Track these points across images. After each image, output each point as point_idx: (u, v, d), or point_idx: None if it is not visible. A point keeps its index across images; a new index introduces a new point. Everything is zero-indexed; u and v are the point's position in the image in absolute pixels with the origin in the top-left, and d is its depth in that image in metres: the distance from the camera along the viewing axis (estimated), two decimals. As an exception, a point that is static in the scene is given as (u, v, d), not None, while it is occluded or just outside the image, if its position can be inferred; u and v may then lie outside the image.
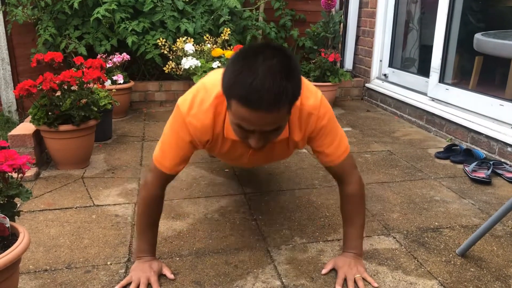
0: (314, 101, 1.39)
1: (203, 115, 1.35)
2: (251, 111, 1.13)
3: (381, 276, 1.52)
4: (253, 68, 1.10)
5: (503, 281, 1.50)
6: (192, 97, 1.37)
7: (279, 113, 1.15)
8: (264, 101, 1.10)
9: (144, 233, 1.52)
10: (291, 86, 1.13)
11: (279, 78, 1.10)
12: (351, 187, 1.51)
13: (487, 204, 2.08)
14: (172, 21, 3.70)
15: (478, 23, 3.22)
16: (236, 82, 1.12)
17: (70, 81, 2.30)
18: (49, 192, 2.16)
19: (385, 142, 3.00)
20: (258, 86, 1.09)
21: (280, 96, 1.11)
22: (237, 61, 1.15)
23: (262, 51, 1.13)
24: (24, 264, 1.56)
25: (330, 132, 1.44)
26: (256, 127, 1.19)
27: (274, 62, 1.11)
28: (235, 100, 1.14)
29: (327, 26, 4.08)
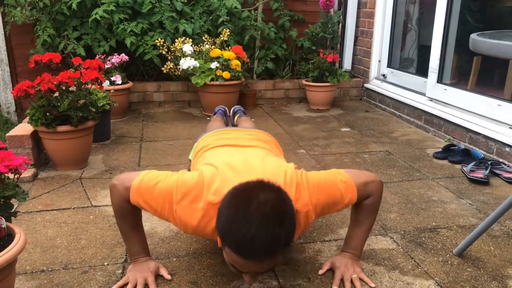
0: (304, 196, 1.32)
1: (191, 214, 1.29)
2: (245, 259, 1.14)
3: (378, 276, 1.52)
4: (247, 217, 1.10)
5: (499, 281, 1.50)
6: (189, 189, 1.29)
7: (274, 259, 1.17)
8: (257, 253, 1.12)
9: (130, 238, 1.49)
10: (285, 232, 1.13)
11: (272, 227, 1.10)
12: (371, 200, 1.46)
13: (484, 204, 2.08)
14: (171, 21, 3.70)
15: (476, 23, 3.22)
16: (229, 232, 1.13)
17: (68, 81, 2.30)
18: (46, 193, 2.16)
19: (384, 142, 3.00)
20: (251, 238, 1.09)
21: (273, 246, 1.12)
22: (231, 205, 1.15)
23: (256, 194, 1.13)
24: (21, 265, 1.56)
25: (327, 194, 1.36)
26: (250, 271, 1.21)
27: (268, 210, 1.11)
28: (230, 248, 1.15)
29: (325, 27, 4.08)
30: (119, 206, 1.41)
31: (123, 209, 1.41)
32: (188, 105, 4.00)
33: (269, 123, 3.48)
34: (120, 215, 1.43)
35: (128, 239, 1.49)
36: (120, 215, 1.43)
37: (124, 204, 1.39)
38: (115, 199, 1.40)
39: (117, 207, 1.41)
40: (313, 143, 2.98)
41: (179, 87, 3.94)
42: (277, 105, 4.10)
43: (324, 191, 1.35)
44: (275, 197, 1.15)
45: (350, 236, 1.55)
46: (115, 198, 1.39)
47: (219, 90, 3.52)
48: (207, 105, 3.64)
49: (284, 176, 1.32)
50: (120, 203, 1.39)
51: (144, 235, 1.53)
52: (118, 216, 1.44)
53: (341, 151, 2.81)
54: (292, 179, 1.32)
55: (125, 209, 1.40)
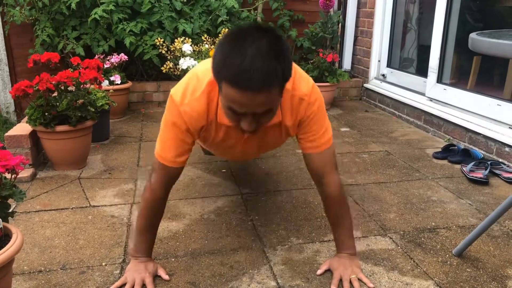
0: (306, 87, 1.39)
1: (196, 102, 1.34)
2: (241, 92, 1.11)
3: (377, 276, 1.52)
4: (242, 49, 1.09)
5: (499, 281, 1.49)
6: (185, 86, 1.37)
7: (270, 93, 1.14)
8: (254, 81, 1.09)
9: (142, 234, 1.51)
10: (281, 66, 1.12)
11: (268, 58, 1.09)
12: (331, 189, 1.48)
13: (484, 204, 2.07)
14: (170, 21, 3.69)
15: (476, 23, 3.22)
16: (225, 64, 1.11)
17: (66, 81, 2.29)
18: (45, 193, 2.15)
19: (383, 142, 2.99)
20: (247, 67, 1.07)
21: (269, 76, 1.10)
22: (226, 43, 1.14)
23: (251, 32, 1.12)
24: (18, 265, 1.55)
25: (318, 120, 1.43)
26: (247, 109, 1.18)
27: (263, 43, 1.10)
28: (225, 82, 1.13)
29: (325, 27, 4.07)
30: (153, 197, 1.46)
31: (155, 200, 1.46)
32: (188, 105, 3.98)
33: (269, 123, 3.47)
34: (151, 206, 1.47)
35: (141, 236, 1.51)
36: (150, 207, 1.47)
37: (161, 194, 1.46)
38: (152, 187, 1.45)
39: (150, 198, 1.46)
40: (313, 143, 2.96)
41: (179, 87, 3.92)
42: (276, 105, 4.09)
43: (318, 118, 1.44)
44: (270, 34, 1.13)
45: (338, 239, 1.56)
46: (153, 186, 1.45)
47: (219, 90, 3.51)
48: (206, 105, 3.63)
49: None
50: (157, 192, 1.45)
51: (154, 238, 1.54)
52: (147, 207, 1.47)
53: (341, 151, 2.80)
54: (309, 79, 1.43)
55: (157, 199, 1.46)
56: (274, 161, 2.61)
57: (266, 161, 2.61)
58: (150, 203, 1.47)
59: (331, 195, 1.49)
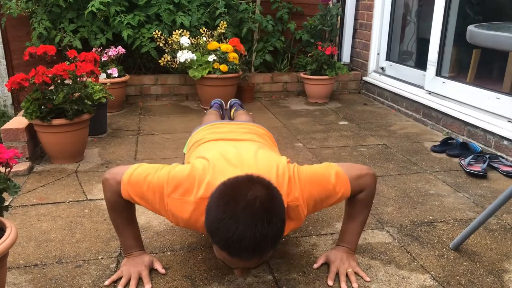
0: (296, 191, 1.30)
1: (182, 207, 1.28)
2: (233, 258, 1.14)
3: (374, 270, 1.51)
4: (235, 216, 1.09)
5: (495, 275, 1.49)
6: (180, 182, 1.28)
7: (262, 256, 1.16)
8: (245, 251, 1.11)
9: (123, 232, 1.47)
10: (273, 231, 1.12)
11: (261, 226, 1.09)
12: (364, 193, 1.45)
13: (482, 197, 2.07)
14: (168, 14, 3.67)
15: (475, 16, 3.20)
16: (218, 230, 1.11)
17: (62, 74, 2.28)
18: (42, 187, 2.14)
19: (381, 135, 2.98)
20: (239, 237, 1.08)
21: (261, 245, 1.11)
22: (220, 204, 1.12)
23: (245, 193, 1.11)
24: (14, 259, 1.55)
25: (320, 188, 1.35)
26: (239, 267, 1.21)
27: (256, 208, 1.09)
28: (217, 245, 1.15)
29: (324, 19, 4.05)
30: (112, 200, 1.39)
31: (116, 203, 1.39)
32: (186, 99, 3.98)
33: (267, 116, 3.46)
34: (113, 209, 1.42)
35: (122, 234, 1.48)
36: (113, 209, 1.42)
37: (117, 198, 1.37)
38: (107, 193, 1.38)
39: (110, 201, 1.40)
40: (311, 136, 2.96)
41: (177, 80, 3.91)
42: (275, 98, 4.08)
43: (316, 185, 1.34)
44: (264, 194, 1.12)
45: (344, 230, 1.54)
46: (108, 192, 1.38)
47: (217, 83, 3.50)
48: (204, 99, 3.62)
49: (276, 170, 1.31)
50: (113, 197, 1.37)
51: (138, 229, 1.52)
52: (111, 210, 1.42)
53: (339, 144, 2.79)
54: (284, 173, 1.31)
55: (118, 203, 1.39)
56: (272, 154, 2.60)
57: (264, 154, 2.60)
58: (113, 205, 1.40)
59: (363, 197, 1.46)
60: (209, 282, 1.44)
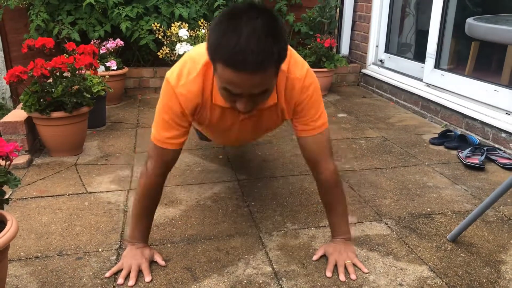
0: (301, 71, 1.39)
1: (192, 84, 1.34)
2: (236, 73, 1.10)
3: (372, 261, 1.53)
4: (237, 29, 1.07)
5: (492, 266, 1.50)
6: (180, 68, 1.36)
7: (265, 74, 1.13)
8: (249, 62, 1.07)
9: (139, 221, 1.51)
10: (276, 46, 1.11)
11: (264, 38, 1.07)
12: (326, 174, 1.47)
13: (479, 190, 2.08)
14: (166, 6, 3.65)
15: (474, 8, 3.19)
16: (220, 44, 1.10)
17: (61, 67, 2.27)
18: (41, 179, 2.15)
19: (380, 128, 2.99)
20: (242, 47, 1.06)
21: (265, 56, 1.08)
22: (221, 22, 1.12)
23: (246, 12, 1.10)
24: (15, 252, 1.56)
25: (313, 104, 1.43)
26: (243, 90, 1.17)
27: (259, 23, 1.08)
28: (220, 63, 1.12)
29: (323, 11, 4.03)
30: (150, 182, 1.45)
31: (151, 186, 1.46)
32: (185, 91, 3.96)
33: (266, 109, 3.46)
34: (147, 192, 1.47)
35: (137, 222, 1.51)
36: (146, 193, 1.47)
37: (157, 179, 1.45)
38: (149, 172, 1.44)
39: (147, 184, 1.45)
40: (310, 129, 2.96)
41: (175, 73, 3.90)
42: (274, 91, 4.07)
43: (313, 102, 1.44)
44: (265, 14, 1.12)
45: (333, 225, 1.56)
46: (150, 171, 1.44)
47: (215, 75, 3.49)
48: (203, 91, 3.61)
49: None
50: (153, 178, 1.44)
51: (151, 225, 1.55)
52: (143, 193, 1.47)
53: (337, 137, 2.80)
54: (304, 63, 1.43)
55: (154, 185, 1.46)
56: (271, 147, 2.61)
57: (262, 147, 2.61)
58: (147, 189, 1.47)
59: (326, 180, 1.49)
60: (209, 273, 1.46)
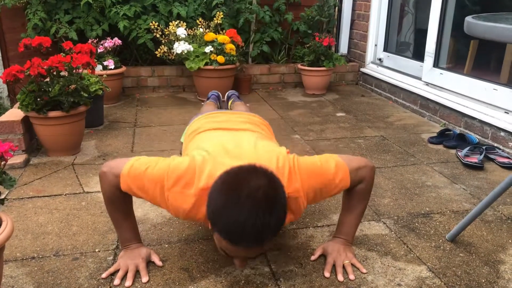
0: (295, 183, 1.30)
1: (183, 200, 1.27)
2: (234, 246, 1.14)
3: (370, 261, 1.52)
4: (238, 204, 1.09)
5: (491, 266, 1.50)
6: (180, 174, 1.27)
7: (263, 245, 1.16)
8: (247, 239, 1.11)
9: (121, 225, 1.47)
10: (275, 220, 1.12)
11: (263, 214, 1.09)
12: (363, 185, 1.46)
13: (478, 189, 2.07)
14: (164, 4, 3.64)
15: (473, 6, 3.18)
16: (220, 217, 1.12)
17: (58, 66, 2.26)
18: (38, 179, 2.14)
19: (379, 127, 2.98)
20: (241, 226, 1.09)
21: (262, 233, 1.11)
22: (222, 191, 1.13)
23: (248, 182, 1.11)
24: (11, 252, 1.54)
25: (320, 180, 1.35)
26: (240, 256, 1.21)
27: (259, 197, 1.09)
28: (218, 233, 1.15)
29: (322, 10, 4.02)
30: (109, 193, 1.39)
31: (113, 196, 1.39)
32: (183, 90, 3.96)
33: (264, 108, 3.45)
34: (111, 202, 1.41)
35: (119, 226, 1.48)
36: (110, 202, 1.41)
37: (115, 191, 1.37)
38: (105, 186, 1.38)
39: (108, 194, 1.39)
40: (308, 128, 2.96)
41: (174, 72, 3.89)
42: (272, 90, 4.07)
43: (316, 176, 1.34)
44: (266, 184, 1.13)
45: (342, 222, 1.54)
46: (105, 185, 1.37)
47: (214, 74, 3.49)
48: (201, 90, 3.61)
49: (276, 161, 1.30)
50: (111, 190, 1.37)
51: (135, 222, 1.52)
52: (108, 203, 1.42)
53: (336, 136, 2.79)
54: (284, 165, 1.31)
55: (116, 196, 1.38)
56: (269, 146, 2.59)
57: (261, 146, 2.59)
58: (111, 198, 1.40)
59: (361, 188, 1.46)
60: (206, 274, 1.45)
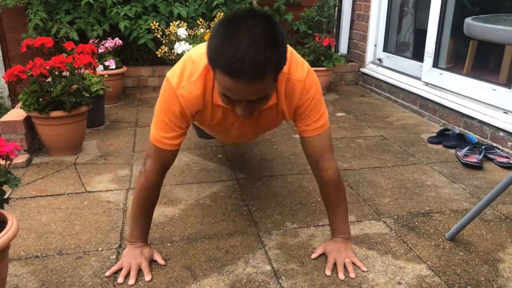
0: (301, 72, 1.39)
1: (193, 86, 1.35)
2: (235, 81, 1.12)
3: (371, 260, 1.53)
4: (236, 38, 1.08)
5: (491, 264, 1.51)
6: (181, 70, 1.37)
7: (264, 82, 1.14)
8: (247, 72, 1.09)
9: (138, 220, 1.51)
10: (275, 55, 1.12)
11: (263, 47, 1.08)
12: (328, 174, 1.48)
13: (478, 188, 2.09)
14: (165, 5, 3.65)
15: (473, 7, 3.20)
16: (219, 53, 1.11)
17: (60, 66, 2.27)
18: (41, 179, 2.15)
19: (378, 127, 3.00)
20: (240, 57, 1.07)
21: (263, 66, 1.10)
22: (220, 30, 1.12)
23: (246, 19, 1.11)
24: (15, 251, 1.56)
25: (314, 106, 1.43)
26: (242, 97, 1.18)
27: (258, 31, 1.09)
28: (219, 71, 1.14)
29: (321, 10, 4.04)
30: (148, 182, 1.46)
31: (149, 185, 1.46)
32: (183, 90, 3.97)
33: (265, 108, 3.46)
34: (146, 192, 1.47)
35: (136, 221, 1.51)
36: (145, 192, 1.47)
37: (156, 179, 1.46)
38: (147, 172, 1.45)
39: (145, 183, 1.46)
40: (308, 128, 2.97)
41: (174, 72, 3.90)
42: (272, 90, 4.07)
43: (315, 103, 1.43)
44: (265, 21, 1.12)
45: (333, 223, 1.57)
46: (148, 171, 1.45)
47: (214, 74, 3.49)
48: (202, 90, 3.61)
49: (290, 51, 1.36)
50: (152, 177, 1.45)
51: (150, 223, 1.55)
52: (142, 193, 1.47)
53: (336, 136, 2.81)
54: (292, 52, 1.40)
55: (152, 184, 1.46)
56: (270, 146, 2.61)
57: (261, 146, 2.61)
58: (145, 188, 1.47)
59: (327, 179, 1.50)
60: (209, 273, 1.46)
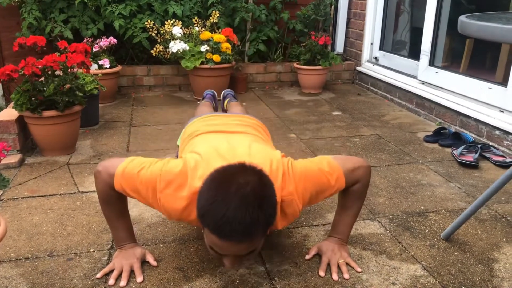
0: (287, 187, 1.30)
1: (174, 202, 1.27)
2: (223, 241, 1.13)
3: (365, 260, 1.52)
4: (226, 198, 1.09)
5: (485, 264, 1.50)
6: (172, 178, 1.28)
7: (252, 241, 1.16)
8: (236, 233, 1.10)
9: (116, 225, 1.47)
10: (264, 215, 1.12)
11: (252, 209, 1.09)
12: (358, 185, 1.45)
13: (473, 187, 2.08)
14: (160, 3, 3.63)
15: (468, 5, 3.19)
16: (209, 212, 1.11)
17: (53, 65, 2.25)
18: (33, 179, 2.13)
19: (374, 126, 2.98)
20: (229, 219, 1.08)
21: (252, 227, 1.11)
22: (212, 187, 1.13)
23: (236, 177, 1.12)
24: (5, 252, 1.54)
25: (319, 189, 1.35)
26: (230, 253, 1.20)
27: (248, 192, 1.10)
28: (207, 229, 1.14)
29: (318, 9, 4.02)
30: (104, 193, 1.39)
31: (108, 195, 1.39)
32: (179, 89, 3.95)
33: (260, 107, 3.45)
34: (106, 201, 1.41)
35: (114, 226, 1.48)
36: (105, 202, 1.41)
37: (109, 191, 1.37)
38: (100, 185, 1.38)
39: (102, 194, 1.39)
40: (304, 127, 2.96)
41: (169, 71, 3.88)
42: (268, 89, 4.07)
43: (310, 179, 1.34)
44: (255, 180, 1.13)
45: (337, 221, 1.54)
46: (100, 184, 1.37)
47: (210, 73, 3.48)
48: (197, 89, 3.60)
49: (270, 164, 1.30)
50: (105, 189, 1.37)
51: (130, 222, 1.51)
52: (103, 202, 1.42)
53: (332, 135, 2.79)
54: (278, 168, 1.30)
55: (110, 195, 1.38)
56: (265, 145, 2.59)
57: (256, 145, 2.59)
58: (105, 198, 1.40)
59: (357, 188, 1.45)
60: (201, 274, 1.45)
